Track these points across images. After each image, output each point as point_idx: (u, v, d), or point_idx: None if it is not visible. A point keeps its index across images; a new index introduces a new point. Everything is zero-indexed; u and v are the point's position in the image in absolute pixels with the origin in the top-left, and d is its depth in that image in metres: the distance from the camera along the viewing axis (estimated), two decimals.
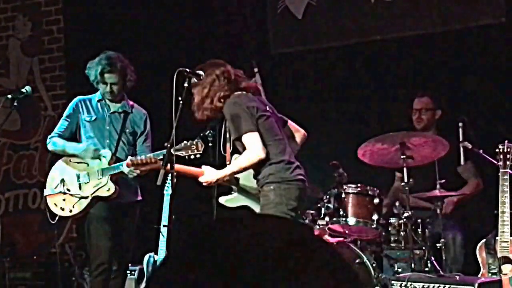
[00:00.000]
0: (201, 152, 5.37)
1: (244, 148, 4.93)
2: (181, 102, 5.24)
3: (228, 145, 5.24)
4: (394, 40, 7.45)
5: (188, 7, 8.22)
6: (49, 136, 5.94)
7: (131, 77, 5.84)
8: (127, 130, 5.84)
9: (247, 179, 5.19)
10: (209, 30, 8.16)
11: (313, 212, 6.00)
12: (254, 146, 4.87)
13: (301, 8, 7.75)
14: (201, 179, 5.15)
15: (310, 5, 7.72)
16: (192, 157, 5.39)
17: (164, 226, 6.32)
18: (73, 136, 5.87)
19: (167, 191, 6.43)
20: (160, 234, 6.35)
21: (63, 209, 5.79)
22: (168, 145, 5.27)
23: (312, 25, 7.66)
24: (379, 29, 7.48)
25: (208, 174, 5.12)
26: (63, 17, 8.73)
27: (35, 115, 8.81)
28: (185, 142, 5.33)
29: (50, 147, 5.92)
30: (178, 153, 5.31)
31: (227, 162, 5.23)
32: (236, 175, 5.16)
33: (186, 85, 5.19)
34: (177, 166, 5.20)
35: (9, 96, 5.85)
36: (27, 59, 8.91)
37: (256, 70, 5.82)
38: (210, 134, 5.79)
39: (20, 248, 8.61)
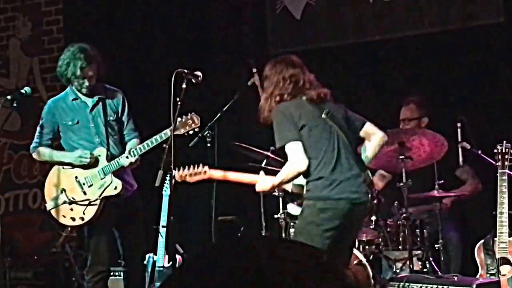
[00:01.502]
0: (198, 125, 5.30)
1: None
2: (179, 103, 5.24)
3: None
4: (392, 40, 7.45)
5: (187, 7, 8.22)
6: (31, 146, 5.80)
7: (104, 65, 5.69)
8: (111, 119, 5.67)
9: None
10: (207, 30, 8.16)
11: None
12: (294, 157, 4.68)
13: (300, 8, 7.75)
14: (257, 188, 5.00)
15: (309, 5, 7.72)
16: (191, 132, 5.34)
17: (163, 226, 6.32)
18: (53, 141, 5.75)
19: (166, 191, 6.43)
20: (159, 235, 6.34)
21: (74, 219, 5.60)
22: (167, 146, 5.26)
23: (311, 25, 7.66)
24: (378, 29, 7.49)
25: (262, 183, 4.97)
26: (63, 17, 8.72)
27: (36, 115, 8.79)
28: (179, 119, 5.26)
29: (35, 156, 5.81)
30: (176, 132, 5.27)
31: None
32: (301, 184, 4.92)
33: (184, 86, 5.19)
34: (232, 175, 5.12)
35: (9, 97, 5.83)
36: (27, 59, 8.91)
37: (254, 70, 5.80)
38: (208, 135, 5.80)
39: (21, 248, 8.61)
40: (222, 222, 6.88)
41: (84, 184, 5.61)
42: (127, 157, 5.49)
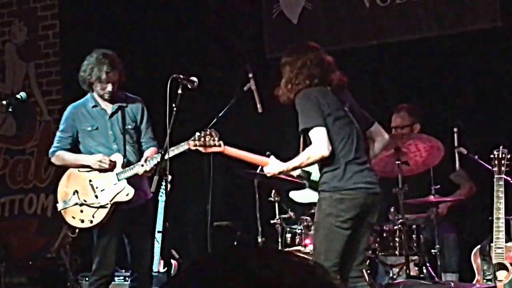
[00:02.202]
0: (217, 139, 5.30)
1: (310, 142, 4.77)
2: (175, 108, 5.23)
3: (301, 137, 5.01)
4: (390, 44, 7.43)
5: (183, 11, 8.21)
6: (50, 151, 5.80)
7: (125, 73, 5.73)
8: (129, 127, 5.71)
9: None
10: (204, 35, 8.15)
11: (307, 218, 5.99)
12: (319, 142, 4.69)
13: (297, 13, 7.74)
14: (265, 169, 5.03)
15: (305, 10, 7.71)
16: (220, 141, 5.32)
17: (159, 232, 6.30)
18: (72, 146, 5.74)
19: (161, 197, 6.42)
20: (155, 240, 6.32)
21: (82, 221, 5.63)
22: (162, 152, 5.26)
23: (307, 30, 7.64)
24: (374, 33, 7.47)
25: (273, 165, 4.98)
26: (59, 22, 8.72)
27: (31, 120, 8.80)
28: (198, 134, 5.25)
29: (54, 160, 5.81)
30: (192, 145, 5.25)
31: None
32: (308, 170, 5.01)
33: (179, 91, 5.18)
34: (244, 153, 5.16)
35: (4, 102, 5.82)
36: (23, 64, 8.90)
37: (250, 75, 5.78)
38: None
39: (16, 253, 8.59)
40: (218, 227, 6.87)
41: (97, 187, 5.63)
42: (142, 165, 5.49)
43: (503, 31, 7.02)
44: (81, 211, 5.65)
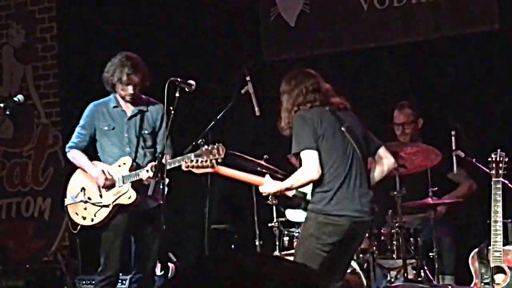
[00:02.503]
0: (222, 156, 5.30)
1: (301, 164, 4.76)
2: (172, 111, 5.23)
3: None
4: (387, 47, 7.43)
5: (181, 14, 8.20)
6: (68, 145, 5.85)
7: (149, 77, 5.75)
8: (146, 132, 5.73)
9: None
10: (202, 37, 8.14)
11: None
12: (309, 165, 4.68)
13: (294, 16, 7.73)
14: (261, 189, 5.03)
15: (303, 13, 7.70)
16: (213, 161, 5.34)
17: None
18: (89, 143, 5.80)
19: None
20: None
21: (84, 218, 5.72)
22: (160, 155, 5.26)
23: (305, 33, 7.64)
24: (372, 36, 7.47)
25: (268, 185, 5.00)
26: (57, 24, 8.71)
27: (28, 123, 8.78)
28: (205, 147, 5.26)
29: (68, 155, 5.85)
30: (199, 158, 5.27)
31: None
32: (304, 191, 4.95)
33: (177, 94, 5.18)
34: (239, 173, 5.19)
35: (1, 104, 5.82)
36: (21, 66, 8.89)
37: (248, 78, 5.77)
38: (202, 143, 5.76)
39: (13, 256, 8.58)
40: (215, 230, 6.86)
41: (103, 187, 5.68)
42: (147, 171, 5.49)
43: (501, 34, 7.01)
44: (85, 209, 5.73)
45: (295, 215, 5.24)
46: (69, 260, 7.96)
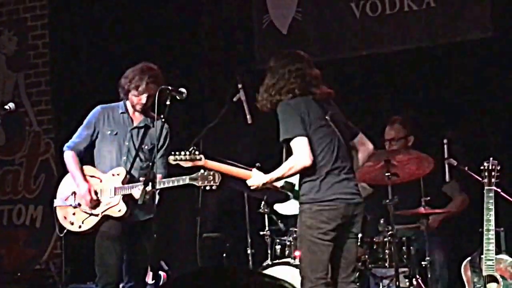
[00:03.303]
0: (218, 183, 5.28)
1: (292, 153, 4.74)
2: (163, 119, 5.21)
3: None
4: (380, 55, 7.42)
5: (174, 22, 8.19)
6: (66, 144, 5.76)
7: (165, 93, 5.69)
8: (146, 147, 5.67)
9: None
10: (194, 45, 8.13)
11: (297, 229, 5.95)
12: (301, 152, 4.66)
13: (286, 23, 7.73)
14: (248, 182, 4.97)
15: (295, 20, 7.70)
16: (207, 188, 5.32)
17: None
18: (88, 146, 5.73)
19: None
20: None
21: (72, 224, 5.66)
22: (150, 164, 5.24)
23: (297, 40, 7.62)
24: (365, 44, 7.46)
25: (255, 178, 4.94)
26: (49, 32, 8.68)
27: (20, 130, 8.76)
28: (202, 171, 5.25)
29: (64, 156, 5.75)
30: (194, 182, 5.27)
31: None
32: (291, 182, 4.95)
33: (168, 102, 5.16)
34: (226, 166, 5.13)
35: None
36: (13, 74, 8.87)
37: (240, 86, 5.76)
38: (193, 151, 5.75)
39: (5, 264, 8.55)
40: (207, 239, 6.84)
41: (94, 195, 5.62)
42: (139, 189, 5.35)
43: (494, 42, 7.01)
44: (74, 214, 5.66)
45: (285, 208, 5.22)
46: (61, 268, 7.93)
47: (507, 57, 6.98)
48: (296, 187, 4.97)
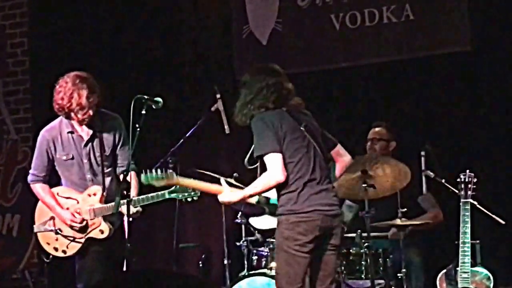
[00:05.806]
0: (198, 195, 5.23)
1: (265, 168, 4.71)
2: (138, 129, 5.16)
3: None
4: (359, 67, 7.43)
5: (153, 32, 8.18)
6: (29, 179, 5.55)
7: (104, 93, 5.51)
8: (105, 154, 5.48)
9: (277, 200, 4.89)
10: (173, 55, 8.12)
11: (273, 240, 5.93)
12: (274, 168, 4.63)
13: (266, 34, 7.73)
14: (219, 198, 4.86)
15: (275, 31, 7.70)
16: (189, 199, 5.27)
17: None
18: (50, 173, 5.52)
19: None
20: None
21: (56, 249, 5.46)
22: (125, 172, 5.09)
23: (277, 51, 7.62)
24: (344, 55, 7.47)
25: (227, 194, 4.85)
26: (28, 40, 8.65)
27: None
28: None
29: (34, 191, 5.54)
30: (173, 195, 5.23)
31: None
32: (266, 196, 4.90)
33: (143, 112, 5.11)
34: (196, 182, 5.01)
35: None
36: None
37: (218, 96, 5.76)
38: (170, 161, 5.73)
39: None
40: (183, 249, 6.82)
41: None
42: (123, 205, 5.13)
43: (473, 56, 7.03)
44: (56, 239, 5.48)
45: (261, 222, 5.19)
46: (38, 278, 7.88)
47: (485, 70, 7.01)
48: (272, 200, 4.95)
